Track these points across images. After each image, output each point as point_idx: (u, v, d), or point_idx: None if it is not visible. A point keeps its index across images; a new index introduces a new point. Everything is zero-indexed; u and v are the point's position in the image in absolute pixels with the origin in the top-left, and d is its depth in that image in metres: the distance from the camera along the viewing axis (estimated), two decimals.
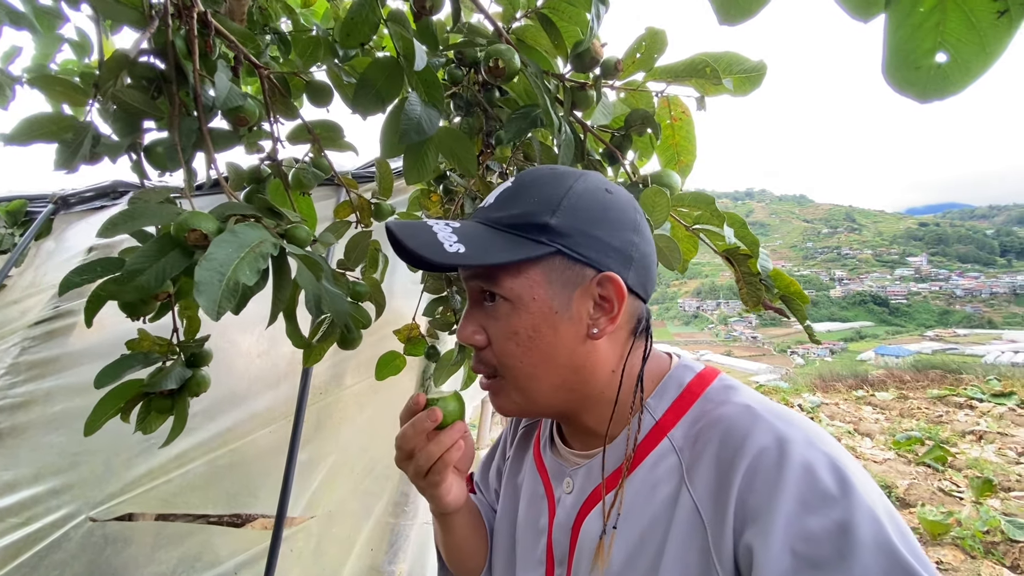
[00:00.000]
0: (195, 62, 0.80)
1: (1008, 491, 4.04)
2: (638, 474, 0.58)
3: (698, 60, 0.81)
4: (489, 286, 0.59)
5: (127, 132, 0.80)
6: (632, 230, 0.60)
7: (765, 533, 0.46)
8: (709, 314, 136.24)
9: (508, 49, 0.78)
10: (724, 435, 0.54)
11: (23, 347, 2.01)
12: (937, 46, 0.31)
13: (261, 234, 0.67)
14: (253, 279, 0.60)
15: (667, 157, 0.97)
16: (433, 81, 0.89)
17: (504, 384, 0.62)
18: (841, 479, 0.47)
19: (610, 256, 0.58)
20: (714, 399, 0.59)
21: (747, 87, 0.82)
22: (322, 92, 1.02)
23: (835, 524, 0.45)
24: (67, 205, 2.45)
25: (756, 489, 0.49)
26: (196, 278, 0.57)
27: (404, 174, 1.00)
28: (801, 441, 0.50)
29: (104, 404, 0.93)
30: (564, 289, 0.58)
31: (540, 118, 0.83)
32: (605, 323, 0.59)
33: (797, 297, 0.86)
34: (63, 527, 1.72)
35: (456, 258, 0.55)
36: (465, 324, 0.63)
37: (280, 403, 1.88)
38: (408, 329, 1.31)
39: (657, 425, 0.60)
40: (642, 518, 0.56)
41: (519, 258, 0.56)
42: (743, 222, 0.84)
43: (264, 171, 1.03)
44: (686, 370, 0.63)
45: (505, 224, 0.59)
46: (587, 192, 0.59)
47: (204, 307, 0.56)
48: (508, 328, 0.59)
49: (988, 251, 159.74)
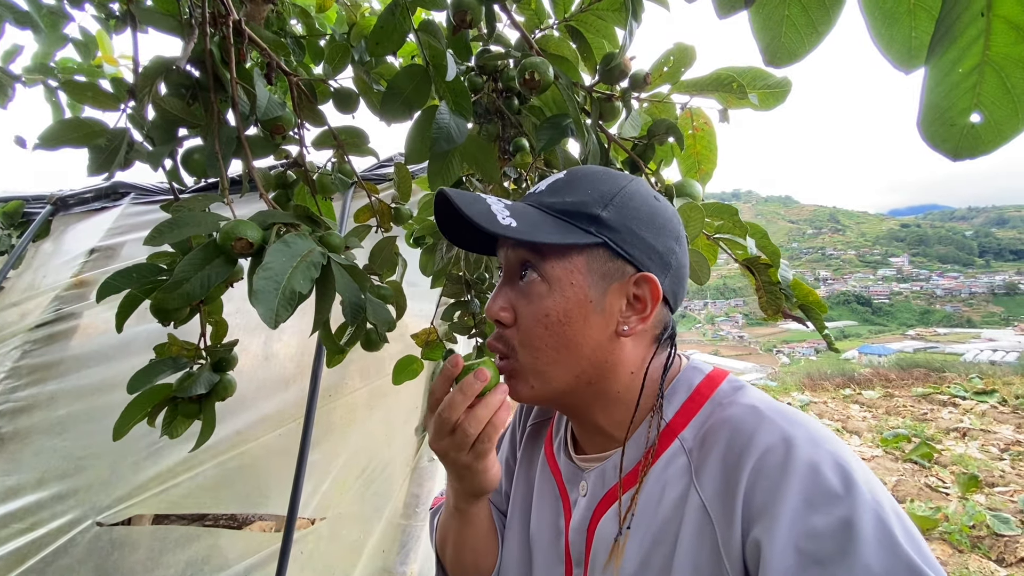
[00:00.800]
0: (232, 70, 0.81)
1: (992, 486, 4.16)
2: (650, 476, 0.59)
3: (724, 75, 0.84)
4: (533, 263, 0.60)
5: (166, 140, 0.80)
6: (675, 239, 0.62)
7: (771, 530, 0.47)
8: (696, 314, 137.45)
9: (543, 62, 0.80)
10: (731, 435, 0.55)
11: (24, 350, 1.98)
12: (973, 107, 0.32)
13: (309, 244, 0.68)
14: (307, 287, 0.62)
15: (688, 165, 1.00)
16: (462, 91, 0.91)
17: (522, 368, 0.62)
18: (845, 477, 0.48)
19: (651, 258, 0.60)
20: (722, 400, 0.60)
21: (771, 102, 0.85)
22: (348, 99, 1.03)
23: (839, 521, 0.45)
24: (65, 206, 2.42)
25: (762, 488, 0.49)
26: (255, 287, 0.58)
27: (428, 180, 1.02)
28: (806, 440, 0.51)
29: (132, 408, 0.94)
30: (602, 281, 0.59)
31: (570, 127, 0.85)
32: (636, 322, 0.60)
33: (816, 306, 0.89)
34: (69, 532, 1.70)
35: (509, 231, 0.56)
36: (496, 299, 0.63)
37: (289, 406, 1.88)
38: (426, 333, 1.32)
39: (668, 427, 0.61)
40: (654, 519, 0.57)
41: (567, 242, 0.58)
42: (764, 232, 0.87)
43: (290, 176, 1.04)
44: (695, 372, 0.64)
45: (557, 209, 0.61)
46: (638, 194, 0.61)
47: (263, 315, 0.58)
48: (540, 309, 0.59)
49: (967, 252, 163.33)
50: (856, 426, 6.26)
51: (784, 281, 0.87)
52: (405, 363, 1.28)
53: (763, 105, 0.85)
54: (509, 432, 0.90)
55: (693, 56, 0.83)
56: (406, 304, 1.19)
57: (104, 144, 0.84)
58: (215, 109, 0.81)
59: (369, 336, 1.06)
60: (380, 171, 2.15)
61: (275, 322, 0.58)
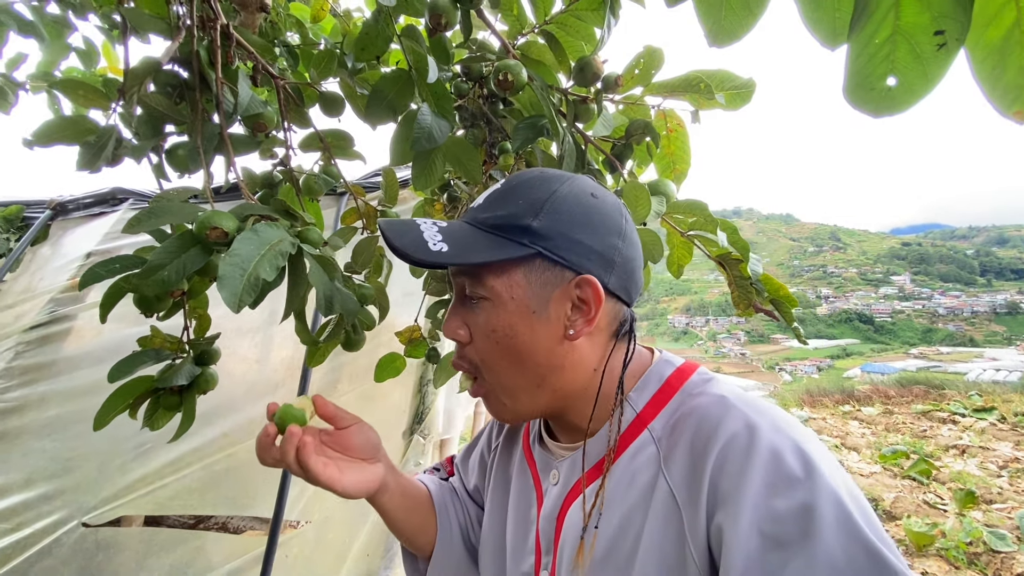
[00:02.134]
0: (218, 71, 0.84)
1: (990, 503, 4.11)
2: (619, 465, 0.61)
3: (692, 76, 0.87)
4: (472, 283, 0.62)
5: (151, 135, 0.83)
6: (616, 235, 0.62)
7: (734, 515, 0.48)
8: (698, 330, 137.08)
9: (516, 64, 0.83)
10: (699, 423, 0.56)
11: (17, 351, 2.00)
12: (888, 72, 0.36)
13: (280, 233, 0.70)
14: (272, 275, 0.64)
15: (663, 165, 1.03)
16: (443, 93, 0.94)
17: (488, 388, 0.65)
18: (806, 462, 0.49)
19: (591, 259, 0.60)
20: (692, 391, 0.61)
21: (738, 102, 0.88)
22: (334, 102, 1.06)
23: (799, 505, 0.47)
24: (64, 211, 2.46)
25: (726, 473, 0.51)
26: (220, 272, 0.60)
27: (412, 180, 1.04)
28: (769, 428, 0.52)
29: (114, 399, 0.95)
30: (543, 290, 0.60)
31: (546, 128, 0.88)
32: (582, 324, 0.60)
33: (786, 300, 0.91)
34: (54, 532, 1.70)
35: (439, 256, 0.57)
36: (450, 319, 0.65)
37: None
38: (410, 331, 1.34)
39: (638, 417, 0.62)
40: (622, 507, 0.58)
41: (499, 258, 0.58)
42: (735, 228, 0.89)
43: (276, 177, 1.07)
44: (666, 364, 0.66)
45: (490, 225, 0.61)
46: (571, 196, 0.61)
47: (226, 299, 0.60)
48: (487, 326, 0.61)
49: (969, 271, 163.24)
50: (855, 442, 6.22)
51: (754, 275, 0.88)
52: (388, 360, 1.29)
53: (730, 105, 0.87)
54: (487, 430, 0.91)
55: (662, 58, 0.86)
56: (389, 305, 1.21)
57: (93, 141, 0.87)
58: (200, 107, 0.84)
59: (348, 335, 1.07)
60: (375, 179, 2.19)
61: (238, 306, 0.60)
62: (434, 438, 1.93)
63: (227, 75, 0.88)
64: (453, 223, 0.64)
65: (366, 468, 0.72)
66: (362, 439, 0.73)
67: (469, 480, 0.90)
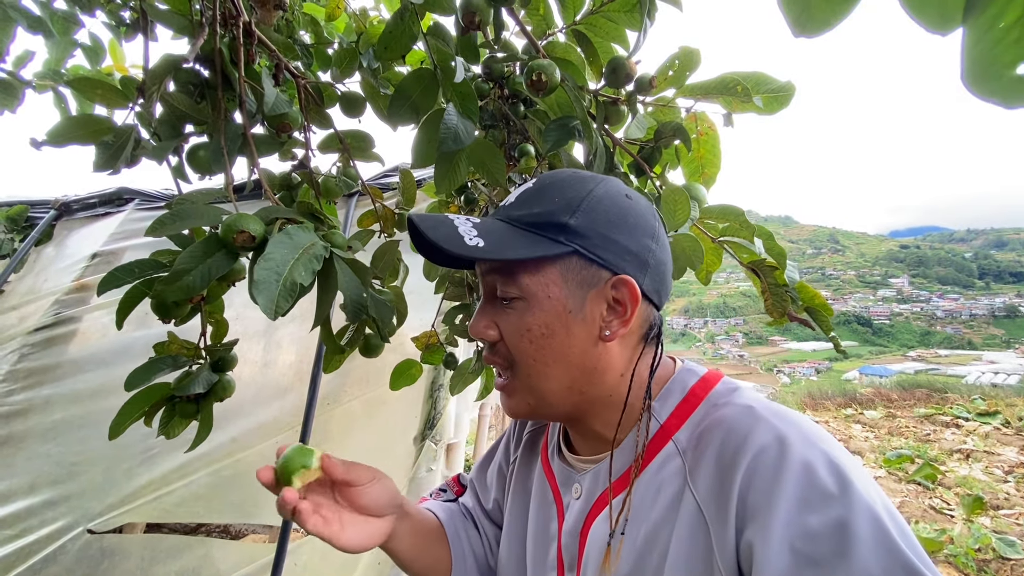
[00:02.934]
0: (240, 69, 0.82)
1: (997, 509, 4.09)
2: (644, 477, 0.59)
3: (728, 78, 0.84)
4: (506, 282, 0.60)
5: (172, 135, 0.81)
6: (650, 236, 0.61)
7: (765, 530, 0.47)
8: (696, 332, 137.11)
9: (550, 64, 0.80)
10: (726, 435, 0.54)
11: (22, 354, 1.97)
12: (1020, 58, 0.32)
13: (312, 237, 0.68)
14: (308, 279, 0.61)
15: (692, 169, 1.00)
16: (469, 93, 0.91)
17: (516, 385, 0.63)
18: (840, 477, 0.47)
19: (626, 260, 0.59)
20: (717, 401, 0.59)
21: (775, 106, 0.85)
22: (355, 103, 1.04)
23: (834, 522, 0.45)
24: (69, 211, 2.43)
25: (756, 487, 0.49)
26: (256, 277, 0.57)
27: (435, 183, 1.01)
28: (800, 440, 0.50)
29: (130, 407, 0.92)
30: (579, 289, 0.58)
31: (577, 129, 0.85)
32: (617, 326, 0.59)
33: (822, 309, 0.88)
34: (59, 539, 1.67)
35: (476, 251, 0.55)
36: (478, 319, 0.64)
37: (286, 414, 1.86)
38: (427, 336, 1.31)
39: (662, 428, 0.60)
40: (648, 520, 0.57)
41: (537, 255, 0.57)
42: (771, 234, 0.87)
43: (295, 178, 1.04)
44: (690, 374, 0.64)
45: (525, 222, 0.60)
46: (607, 196, 0.60)
47: (263, 305, 0.57)
48: (521, 325, 0.59)
49: (967, 274, 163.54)
50: (858, 446, 6.19)
51: (791, 282, 0.86)
52: (404, 367, 1.26)
53: (767, 109, 0.85)
54: (504, 441, 0.89)
55: (698, 60, 0.83)
56: (407, 311, 1.18)
57: (111, 141, 0.85)
58: (222, 107, 0.82)
59: (368, 341, 1.05)
60: (385, 180, 2.16)
61: (275, 313, 0.58)
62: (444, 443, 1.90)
63: (249, 74, 0.85)
64: (486, 219, 0.62)
65: (371, 523, 0.69)
66: (377, 497, 0.70)
67: (487, 496, 0.87)
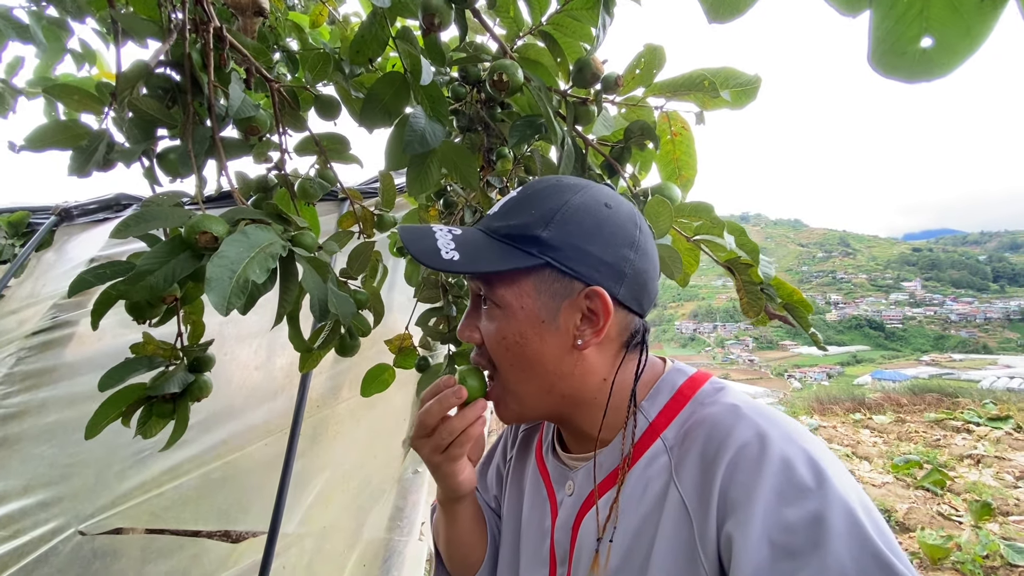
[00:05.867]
0: (210, 74, 0.83)
1: (1007, 515, 4.01)
2: (632, 474, 0.61)
3: (696, 75, 0.84)
4: (486, 290, 0.63)
5: (142, 139, 0.82)
6: (628, 246, 0.62)
7: (745, 524, 0.48)
8: (706, 336, 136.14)
9: (512, 64, 0.81)
10: (710, 432, 0.56)
11: (19, 357, 2.00)
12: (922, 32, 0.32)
13: (270, 236, 0.69)
14: (262, 277, 0.62)
15: (668, 172, 1.00)
16: (438, 96, 0.92)
17: (499, 391, 0.66)
18: (817, 472, 0.49)
19: (600, 271, 0.60)
20: (704, 400, 0.61)
21: (743, 99, 0.85)
22: (330, 106, 1.05)
23: (810, 515, 0.47)
24: (70, 217, 2.47)
25: (737, 482, 0.51)
26: (208, 274, 0.58)
27: (407, 186, 1.02)
28: (780, 437, 0.52)
29: (106, 407, 0.93)
30: (552, 300, 0.60)
31: (544, 126, 0.86)
32: (591, 335, 0.61)
33: (800, 305, 0.88)
34: (51, 540, 1.69)
35: (450, 265, 0.58)
36: (464, 323, 0.67)
37: (276, 416, 1.87)
38: (400, 339, 1.30)
39: (651, 426, 0.62)
40: (636, 516, 0.59)
41: (509, 268, 0.59)
42: (742, 230, 0.86)
43: (271, 181, 1.06)
44: (678, 374, 0.66)
45: (502, 234, 0.62)
46: (583, 207, 0.61)
47: (214, 302, 0.58)
48: (498, 332, 0.62)
49: (981, 276, 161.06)
50: (867, 451, 6.10)
51: (766, 279, 0.86)
52: (376, 372, 1.23)
53: (735, 103, 0.85)
54: (501, 442, 0.92)
55: (663, 57, 0.84)
56: (383, 310, 1.18)
57: (85, 145, 0.86)
58: (191, 111, 0.83)
59: (343, 340, 1.05)
60: (374, 186, 2.18)
61: (227, 309, 0.58)
62: None
63: (220, 78, 0.87)
64: (468, 230, 0.65)
65: (471, 466, 0.72)
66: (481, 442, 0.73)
67: (488, 495, 0.90)
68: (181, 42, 0.84)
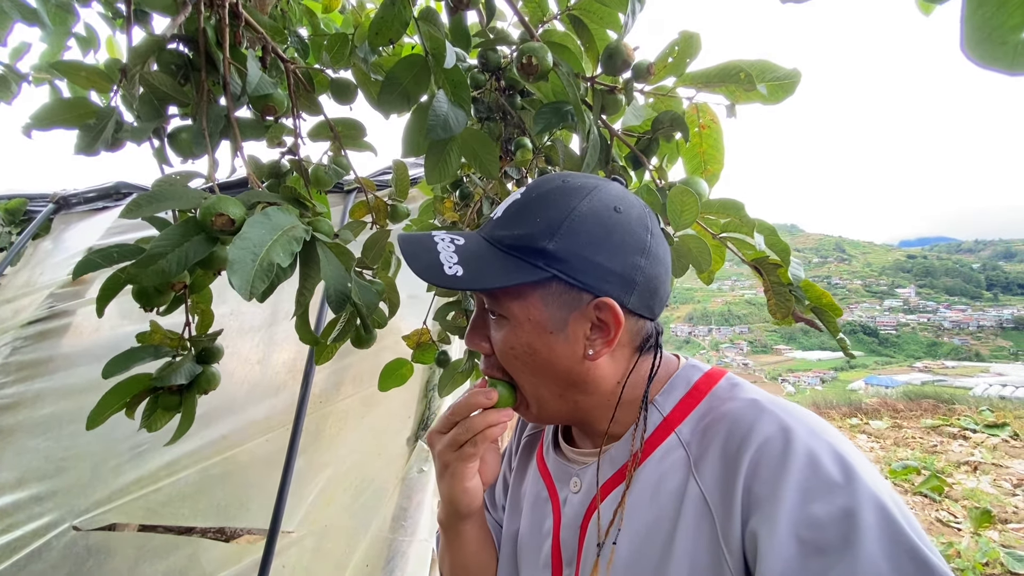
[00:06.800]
0: (225, 50, 0.79)
1: (1005, 522, 4.01)
2: (645, 468, 0.59)
3: (731, 66, 0.81)
4: (491, 301, 0.61)
5: (152, 116, 0.78)
6: (639, 253, 0.59)
7: (770, 520, 0.47)
8: (701, 339, 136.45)
9: (541, 47, 0.78)
10: (731, 427, 0.55)
11: (14, 347, 1.95)
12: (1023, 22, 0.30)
13: (292, 219, 0.65)
14: (287, 260, 0.59)
15: (694, 165, 0.97)
16: (460, 81, 0.89)
17: (522, 394, 0.65)
18: (844, 467, 0.48)
19: (609, 281, 0.58)
20: (721, 396, 0.60)
21: (780, 94, 0.82)
22: (347, 89, 1.01)
23: (840, 510, 0.45)
24: (68, 205, 2.42)
25: (761, 477, 0.50)
26: (230, 257, 0.55)
27: (425, 174, 0.99)
28: (805, 431, 0.51)
29: (110, 397, 0.90)
30: (560, 312, 0.58)
31: (570, 114, 0.82)
32: (601, 345, 0.59)
33: (829, 309, 0.85)
34: (45, 536, 1.64)
35: (454, 281, 0.56)
36: (472, 332, 0.66)
37: (278, 411, 1.83)
38: (418, 334, 1.27)
39: (665, 421, 0.61)
40: (649, 512, 0.57)
41: (515, 283, 0.57)
42: (773, 229, 0.83)
43: (284, 166, 1.02)
44: (694, 370, 0.65)
45: (506, 244, 0.60)
46: (592, 214, 0.58)
47: (237, 286, 0.54)
48: (505, 343, 0.61)
49: (975, 284, 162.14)
50: None
51: (795, 281, 0.83)
52: (394, 367, 1.22)
53: (772, 98, 0.82)
54: (506, 454, 0.89)
55: (698, 45, 0.81)
56: (399, 302, 1.15)
57: (93, 124, 0.82)
58: (205, 89, 0.79)
59: (358, 333, 1.02)
60: (384, 177, 2.14)
61: (250, 293, 0.55)
62: None
63: (235, 56, 0.83)
64: (471, 238, 0.63)
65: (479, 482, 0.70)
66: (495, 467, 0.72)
67: (498, 512, 0.87)
68: (195, 16, 0.80)
